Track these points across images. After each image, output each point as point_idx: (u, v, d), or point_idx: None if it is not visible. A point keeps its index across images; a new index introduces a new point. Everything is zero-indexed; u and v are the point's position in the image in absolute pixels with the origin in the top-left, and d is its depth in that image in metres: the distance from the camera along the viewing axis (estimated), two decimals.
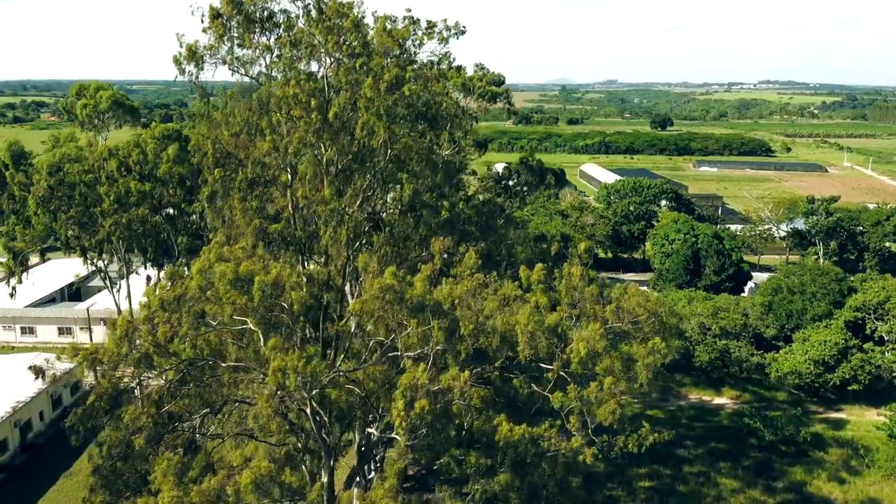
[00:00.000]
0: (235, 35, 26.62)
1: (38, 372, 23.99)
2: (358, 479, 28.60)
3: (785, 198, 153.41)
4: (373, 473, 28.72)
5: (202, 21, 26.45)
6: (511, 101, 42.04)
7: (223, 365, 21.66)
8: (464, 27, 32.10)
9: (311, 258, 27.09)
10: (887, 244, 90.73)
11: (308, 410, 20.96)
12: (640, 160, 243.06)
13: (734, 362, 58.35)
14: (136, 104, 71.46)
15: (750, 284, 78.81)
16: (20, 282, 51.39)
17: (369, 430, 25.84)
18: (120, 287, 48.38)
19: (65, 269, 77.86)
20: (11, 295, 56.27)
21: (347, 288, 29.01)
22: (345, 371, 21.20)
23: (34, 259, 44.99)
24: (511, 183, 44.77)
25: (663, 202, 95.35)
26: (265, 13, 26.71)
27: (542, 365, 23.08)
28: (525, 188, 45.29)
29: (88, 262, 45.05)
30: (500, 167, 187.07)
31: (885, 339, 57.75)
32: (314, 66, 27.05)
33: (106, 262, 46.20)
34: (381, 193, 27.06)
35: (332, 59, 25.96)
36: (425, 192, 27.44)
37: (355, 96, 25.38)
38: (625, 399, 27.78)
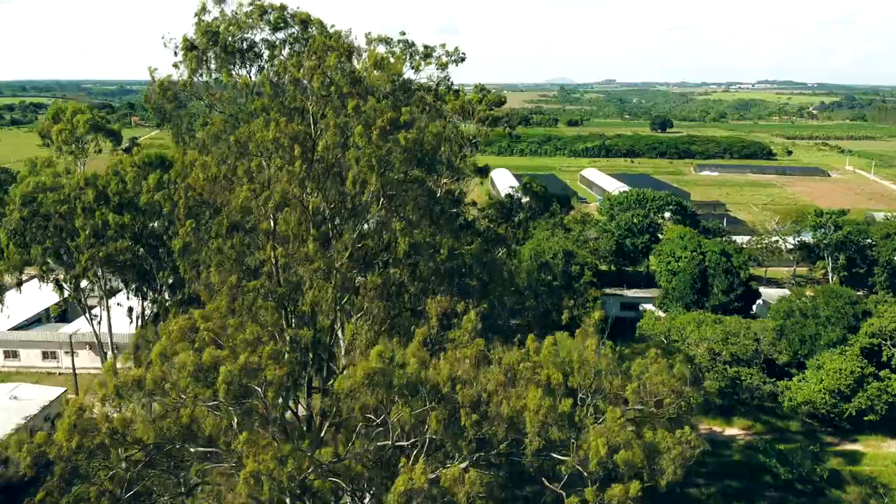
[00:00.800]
0: (213, 68, 24.12)
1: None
2: None
3: (792, 209, 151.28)
4: None
5: (175, 54, 23.98)
6: (513, 123, 39.61)
7: (193, 450, 19.22)
8: (463, 54, 29.71)
9: (295, 313, 24.66)
10: None
11: (288, 501, 18.54)
12: (641, 164, 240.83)
13: (745, 390, 55.95)
14: (116, 126, 68.95)
15: (759, 301, 76.44)
16: None
17: None
18: (101, 318, 45.97)
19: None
20: None
21: (340, 331, 26.64)
22: (327, 463, 18.72)
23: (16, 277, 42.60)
24: (516, 203, 42.36)
25: (667, 214, 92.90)
26: (245, 44, 24.18)
27: (555, 455, 20.61)
28: (529, 214, 42.94)
29: (65, 293, 42.58)
30: (498, 179, 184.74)
31: None
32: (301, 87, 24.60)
33: (85, 294, 43.71)
34: (374, 243, 24.62)
35: (319, 96, 23.43)
36: (421, 231, 24.95)
37: (345, 137, 22.92)
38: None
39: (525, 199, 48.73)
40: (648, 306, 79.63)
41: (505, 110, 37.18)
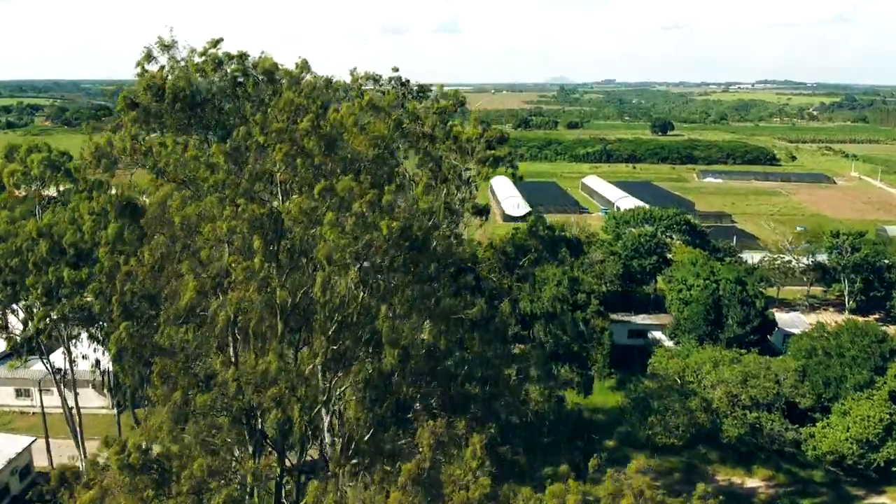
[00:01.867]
0: (159, 130, 20.25)
1: None
2: None
3: (800, 219, 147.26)
4: None
5: (116, 112, 20.09)
6: (515, 162, 35.75)
7: None
8: (463, 98, 25.72)
9: (261, 430, 20.70)
10: None
11: None
12: (643, 169, 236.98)
13: (766, 437, 52.14)
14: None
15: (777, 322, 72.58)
16: None
17: None
18: (64, 373, 42.21)
19: None
20: None
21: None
22: None
23: None
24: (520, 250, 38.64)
25: (675, 235, 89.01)
26: (198, 98, 20.28)
27: None
28: (535, 259, 39.24)
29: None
30: (498, 188, 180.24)
31: None
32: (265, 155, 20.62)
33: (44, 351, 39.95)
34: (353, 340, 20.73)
35: (287, 166, 19.58)
36: (412, 324, 21.08)
37: (315, 224, 19.08)
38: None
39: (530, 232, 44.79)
40: (657, 334, 75.86)
41: (506, 150, 33.38)
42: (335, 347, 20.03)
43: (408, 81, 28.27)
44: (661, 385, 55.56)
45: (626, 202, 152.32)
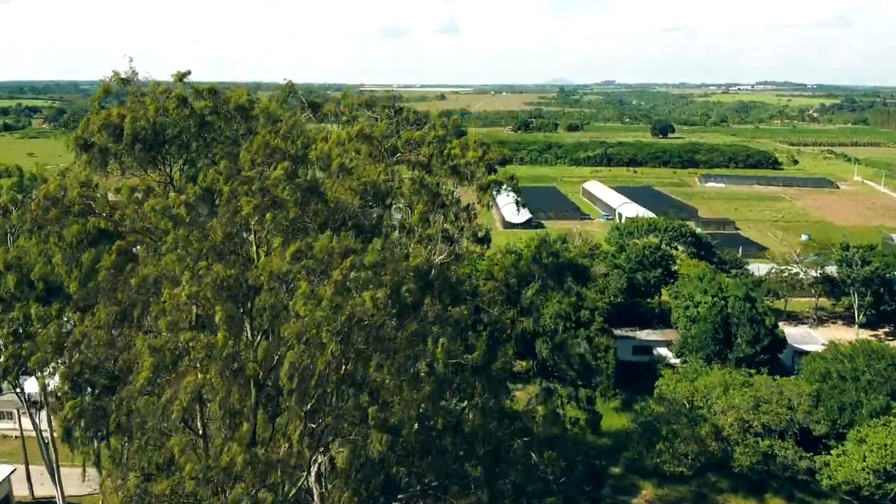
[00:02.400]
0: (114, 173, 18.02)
1: None
2: None
3: (804, 226, 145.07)
4: None
5: (69, 148, 17.85)
6: (518, 186, 33.58)
7: None
8: (463, 127, 23.45)
9: None
10: None
11: None
12: (644, 173, 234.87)
13: (779, 466, 49.98)
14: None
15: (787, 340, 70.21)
16: None
17: None
18: (39, 403, 40.13)
19: None
20: None
21: None
22: None
23: None
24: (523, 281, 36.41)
25: (680, 247, 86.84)
26: (161, 138, 18.03)
27: None
28: (539, 288, 37.12)
29: None
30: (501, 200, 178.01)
31: None
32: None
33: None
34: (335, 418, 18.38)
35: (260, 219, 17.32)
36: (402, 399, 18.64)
37: (290, 291, 16.85)
38: None
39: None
40: (663, 350, 73.69)
41: (508, 174, 31.24)
42: (313, 426, 17.76)
43: (402, 109, 26.15)
44: (670, 410, 53.43)
45: (628, 208, 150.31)
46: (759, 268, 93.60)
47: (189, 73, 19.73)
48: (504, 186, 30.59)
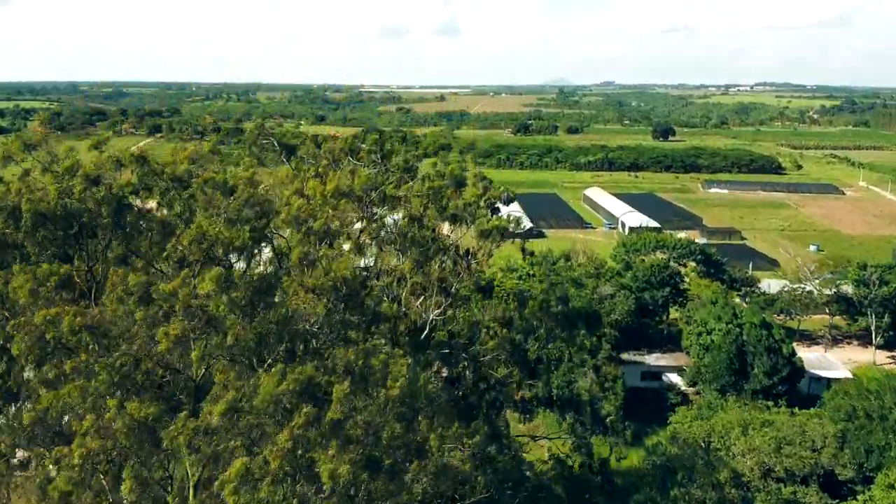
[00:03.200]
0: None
1: None
2: None
3: (812, 235, 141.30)
4: None
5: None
6: (523, 226, 29.78)
7: None
8: (464, 175, 19.97)
9: None
10: None
11: None
12: (645, 178, 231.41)
13: None
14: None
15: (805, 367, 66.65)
16: None
17: None
18: None
19: None
20: None
21: None
22: None
23: None
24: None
25: (689, 263, 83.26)
26: (74, 224, 14.17)
27: None
28: (546, 340, 33.68)
29: None
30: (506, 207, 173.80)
31: None
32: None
33: None
34: None
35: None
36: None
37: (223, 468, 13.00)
38: None
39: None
40: (673, 377, 70.13)
41: (513, 221, 27.60)
42: None
43: (389, 153, 22.58)
44: (685, 451, 49.75)
45: (632, 217, 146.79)
46: (769, 284, 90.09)
47: (107, 139, 16.11)
48: (511, 227, 26.92)
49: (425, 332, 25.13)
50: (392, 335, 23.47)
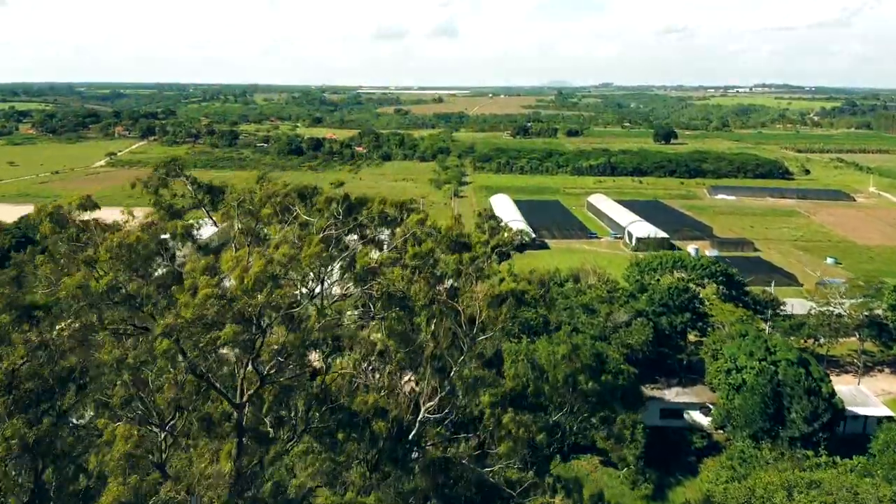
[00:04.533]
0: None
1: None
2: None
3: (827, 246, 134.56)
4: None
5: None
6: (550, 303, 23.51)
7: None
8: (466, 237, 13.63)
9: None
10: None
11: None
12: (649, 183, 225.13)
13: None
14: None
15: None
16: None
17: None
18: None
19: None
20: None
21: None
22: None
23: None
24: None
25: (708, 283, 76.66)
26: None
27: None
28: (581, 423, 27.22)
29: None
30: (499, 207, 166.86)
31: None
32: None
33: None
34: None
35: None
36: None
37: None
38: None
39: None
40: (696, 415, 63.52)
41: (538, 274, 21.23)
42: None
43: (363, 202, 16.14)
44: None
45: (639, 227, 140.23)
46: (793, 305, 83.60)
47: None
48: (528, 294, 20.38)
49: (413, 433, 18.60)
50: (368, 447, 16.97)
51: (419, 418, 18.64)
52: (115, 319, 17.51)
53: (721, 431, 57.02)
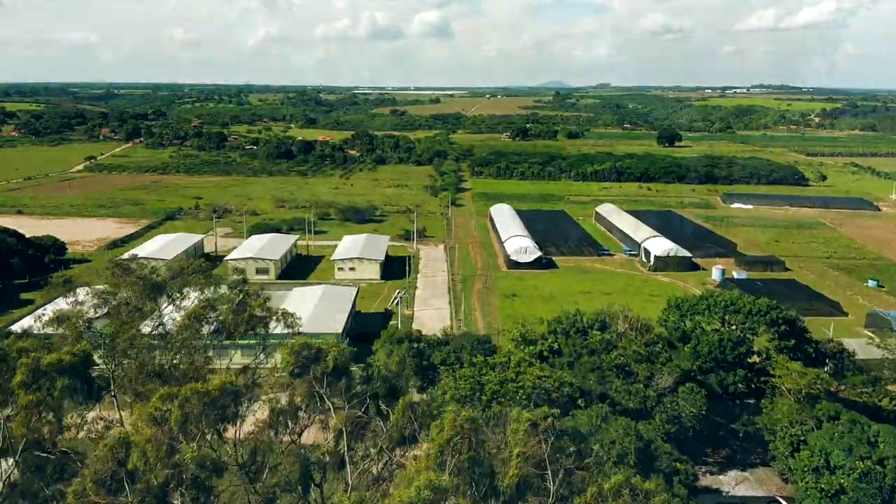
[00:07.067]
0: None
1: None
2: None
3: (864, 264, 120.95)
4: None
5: None
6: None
7: None
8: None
9: None
10: None
11: None
12: (658, 190, 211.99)
13: None
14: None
15: None
16: None
17: None
18: None
19: None
20: None
21: None
22: None
23: None
24: None
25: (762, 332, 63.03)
26: None
27: None
28: None
29: None
30: (499, 219, 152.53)
31: None
32: None
33: None
34: None
35: None
36: None
37: None
38: None
39: None
40: None
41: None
42: None
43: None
44: None
45: (657, 243, 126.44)
46: (854, 349, 70.13)
47: None
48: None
49: None
50: None
51: None
52: None
53: None
